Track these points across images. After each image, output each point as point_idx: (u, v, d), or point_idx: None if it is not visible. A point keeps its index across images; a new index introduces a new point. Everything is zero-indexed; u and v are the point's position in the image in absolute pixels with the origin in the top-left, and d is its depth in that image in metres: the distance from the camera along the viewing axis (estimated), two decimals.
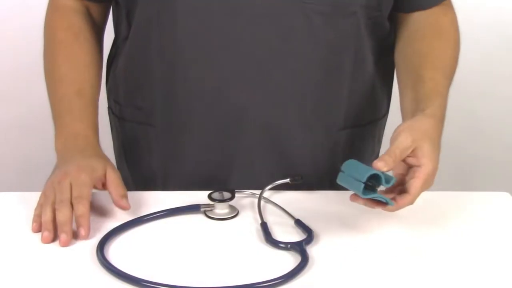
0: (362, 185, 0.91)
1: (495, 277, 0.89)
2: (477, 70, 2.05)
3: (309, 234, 0.95)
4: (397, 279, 0.88)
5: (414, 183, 0.95)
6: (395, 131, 0.98)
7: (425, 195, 1.09)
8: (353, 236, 0.97)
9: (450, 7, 1.16)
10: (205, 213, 1.02)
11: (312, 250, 0.93)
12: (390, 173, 0.95)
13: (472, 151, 2.16)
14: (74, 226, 0.95)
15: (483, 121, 2.13)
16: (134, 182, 1.21)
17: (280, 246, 0.93)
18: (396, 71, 1.15)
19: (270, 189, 1.06)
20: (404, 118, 1.05)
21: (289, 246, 0.93)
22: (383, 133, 1.25)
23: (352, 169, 0.93)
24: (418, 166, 0.95)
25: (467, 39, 1.18)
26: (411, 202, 0.95)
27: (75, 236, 0.95)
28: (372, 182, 0.93)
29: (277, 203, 1.04)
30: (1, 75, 2.00)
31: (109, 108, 1.24)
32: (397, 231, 0.99)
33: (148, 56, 1.11)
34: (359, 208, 1.05)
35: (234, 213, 1.02)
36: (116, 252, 0.92)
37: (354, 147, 1.17)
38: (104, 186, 1.01)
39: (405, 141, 0.95)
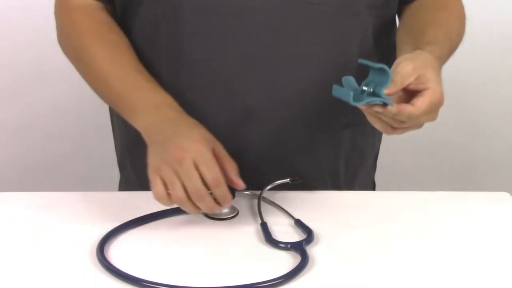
0: (351, 93, 0.88)
1: (495, 277, 0.89)
2: (478, 70, 2.06)
3: (309, 234, 0.95)
4: (397, 279, 0.88)
5: (421, 99, 0.92)
6: (394, 63, 0.95)
7: (425, 195, 1.09)
8: (353, 236, 0.97)
9: None
10: (206, 213, 1.02)
11: (312, 250, 0.93)
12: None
13: (472, 151, 2.16)
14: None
15: (483, 121, 2.13)
16: (138, 181, 1.21)
17: (280, 246, 0.93)
18: (397, 42, 1.12)
19: (270, 189, 1.06)
20: None
21: (289, 246, 0.93)
22: None
23: (346, 79, 0.91)
24: (426, 89, 0.92)
25: (467, 39, 1.18)
26: (412, 114, 0.92)
27: (76, 235, 0.95)
28: (377, 83, 0.90)
29: (277, 203, 1.04)
30: (1, 75, 2.00)
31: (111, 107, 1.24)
32: (397, 231, 0.99)
33: (154, 57, 1.10)
34: (359, 208, 1.05)
35: (234, 213, 1.02)
36: (116, 252, 0.92)
37: (355, 145, 1.17)
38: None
39: (405, 68, 0.93)
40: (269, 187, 1.05)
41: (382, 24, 1.12)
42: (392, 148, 1.40)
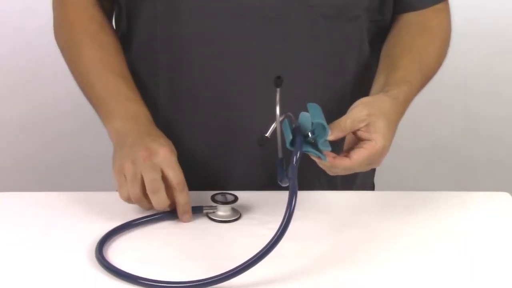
0: (290, 138, 0.90)
1: (495, 277, 0.89)
2: (478, 70, 2.06)
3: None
4: (397, 278, 0.88)
5: (359, 152, 0.93)
6: (352, 105, 0.97)
7: (425, 195, 1.09)
8: (353, 235, 0.97)
9: (444, 11, 1.16)
10: (207, 215, 1.01)
11: (313, 251, 0.93)
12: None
13: (472, 151, 2.16)
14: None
15: (483, 121, 2.13)
16: None
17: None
18: (379, 60, 1.14)
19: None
20: None
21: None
22: None
23: (304, 116, 0.91)
24: (369, 140, 0.94)
25: (467, 39, 1.18)
26: (348, 167, 0.93)
27: (75, 235, 0.95)
28: (317, 133, 0.91)
29: (274, 202, 1.04)
30: (1, 76, 2.00)
31: None
32: (397, 231, 0.99)
33: (153, 56, 1.10)
34: (358, 207, 1.05)
35: (237, 216, 1.01)
36: (115, 253, 0.92)
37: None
38: None
39: (358, 113, 0.94)
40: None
41: (377, 29, 1.13)
42: (391, 148, 1.40)
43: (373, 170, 1.29)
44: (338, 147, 0.96)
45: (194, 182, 1.01)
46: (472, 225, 1.01)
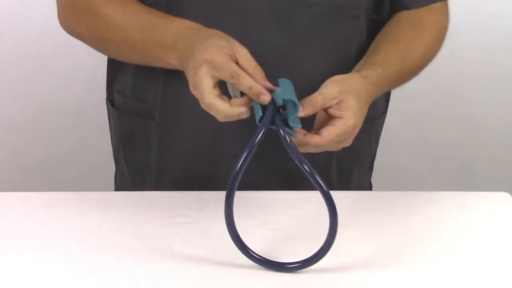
0: (260, 114, 0.89)
1: (495, 277, 0.89)
2: (477, 69, 2.06)
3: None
4: (396, 278, 0.88)
5: (329, 129, 0.92)
6: (324, 83, 0.96)
7: (424, 195, 1.09)
8: (352, 235, 0.97)
9: (440, 11, 1.16)
10: None
11: (312, 251, 0.93)
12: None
13: (472, 151, 2.16)
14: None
15: (483, 121, 2.13)
16: (130, 175, 1.21)
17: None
18: None
19: None
20: None
21: None
22: (380, 132, 1.25)
23: (276, 91, 0.90)
24: (340, 118, 0.93)
25: (467, 39, 1.18)
26: (319, 145, 0.92)
27: (75, 235, 0.95)
28: (288, 110, 0.90)
29: (270, 203, 1.04)
30: (1, 75, 2.00)
31: (108, 99, 1.24)
32: (396, 231, 0.99)
33: None
34: (357, 208, 1.05)
35: None
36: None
37: (350, 146, 1.17)
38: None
39: (330, 90, 0.94)
40: None
41: (373, 27, 1.13)
42: (390, 148, 1.40)
43: (371, 170, 1.28)
44: (310, 126, 0.96)
45: (191, 181, 1.01)
46: (472, 225, 1.01)
